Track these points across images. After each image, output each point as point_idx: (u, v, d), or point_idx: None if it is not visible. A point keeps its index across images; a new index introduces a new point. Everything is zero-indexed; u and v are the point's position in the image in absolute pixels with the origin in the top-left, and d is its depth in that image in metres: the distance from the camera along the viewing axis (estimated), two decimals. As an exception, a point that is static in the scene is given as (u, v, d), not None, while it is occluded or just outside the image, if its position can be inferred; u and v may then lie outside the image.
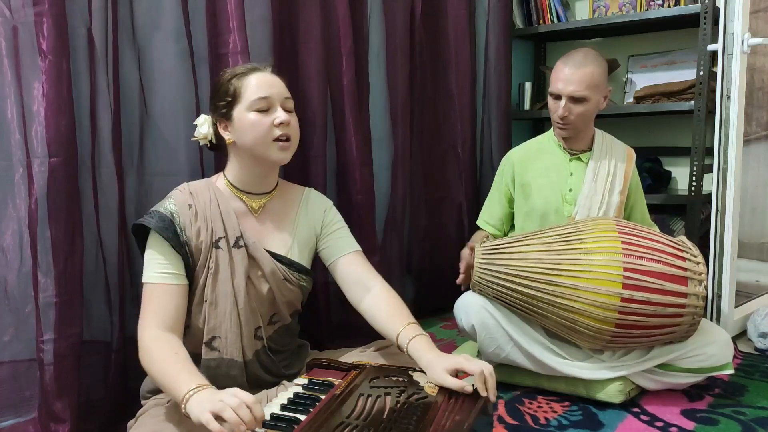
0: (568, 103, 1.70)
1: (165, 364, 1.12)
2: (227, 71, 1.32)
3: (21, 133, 1.30)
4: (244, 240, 1.29)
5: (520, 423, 1.51)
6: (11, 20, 1.27)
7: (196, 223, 1.26)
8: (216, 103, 1.31)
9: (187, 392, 1.03)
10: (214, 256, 1.27)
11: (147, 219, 1.24)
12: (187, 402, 1.02)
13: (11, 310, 1.34)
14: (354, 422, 1.01)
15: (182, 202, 1.27)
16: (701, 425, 1.48)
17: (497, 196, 1.93)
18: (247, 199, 1.34)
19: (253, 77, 1.28)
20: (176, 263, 1.24)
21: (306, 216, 1.41)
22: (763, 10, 2.28)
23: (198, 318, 1.27)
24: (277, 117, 1.27)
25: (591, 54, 1.74)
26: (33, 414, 1.34)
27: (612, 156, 1.80)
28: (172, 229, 1.23)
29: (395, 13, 2.15)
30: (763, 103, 2.38)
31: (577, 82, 1.69)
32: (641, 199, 1.89)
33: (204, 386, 1.05)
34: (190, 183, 1.33)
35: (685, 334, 1.53)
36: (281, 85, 1.31)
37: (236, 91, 1.27)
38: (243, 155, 1.31)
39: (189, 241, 1.25)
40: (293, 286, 1.35)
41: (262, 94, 1.26)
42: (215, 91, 1.32)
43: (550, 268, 1.54)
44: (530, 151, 1.90)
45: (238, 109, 1.27)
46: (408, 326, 1.27)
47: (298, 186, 1.47)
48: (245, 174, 1.33)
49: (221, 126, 1.31)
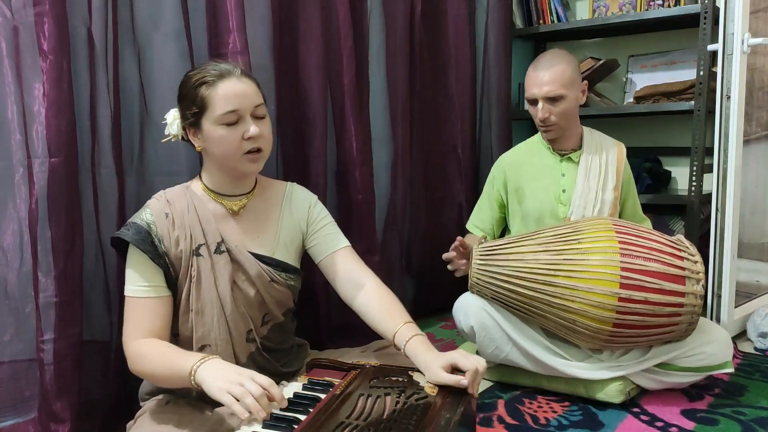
0: (546, 105, 1.72)
1: (160, 355, 1.13)
2: (195, 74, 1.23)
3: (21, 133, 1.30)
4: (225, 245, 1.26)
5: (520, 423, 1.51)
6: (12, 20, 1.27)
7: (174, 231, 1.22)
8: (183, 111, 1.25)
9: (194, 364, 1.05)
10: (196, 264, 1.23)
11: (124, 232, 1.21)
12: (195, 372, 1.04)
13: (11, 310, 1.35)
14: (354, 422, 1.01)
15: (159, 211, 1.23)
16: (701, 425, 1.48)
17: (487, 202, 1.93)
18: (226, 201, 1.30)
19: (221, 87, 1.19)
20: (156, 276, 1.21)
21: (290, 213, 1.38)
22: (763, 10, 2.28)
23: (186, 327, 1.25)
24: (247, 131, 1.21)
25: (559, 53, 1.76)
26: (33, 414, 1.34)
27: (602, 152, 1.81)
28: (149, 240, 1.20)
29: (395, 13, 2.15)
30: (763, 103, 2.38)
31: (549, 83, 1.70)
32: (633, 192, 1.89)
33: (208, 357, 1.07)
34: (167, 190, 1.29)
35: (683, 333, 1.53)
36: (252, 91, 1.23)
37: (203, 101, 1.20)
38: (214, 161, 1.27)
39: (168, 252, 1.21)
40: (281, 286, 1.32)
41: (231, 107, 1.19)
42: (182, 96, 1.25)
43: (548, 269, 1.54)
44: (520, 155, 1.90)
45: (206, 122, 1.21)
46: (404, 326, 1.26)
47: (280, 182, 1.43)
48: (219, 178, 1.29)
49: (190, 132, 1.26)
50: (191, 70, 1.27)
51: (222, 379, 1.02)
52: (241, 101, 1.21)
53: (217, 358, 1.09)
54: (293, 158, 1.84)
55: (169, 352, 1.14)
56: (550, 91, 1.70)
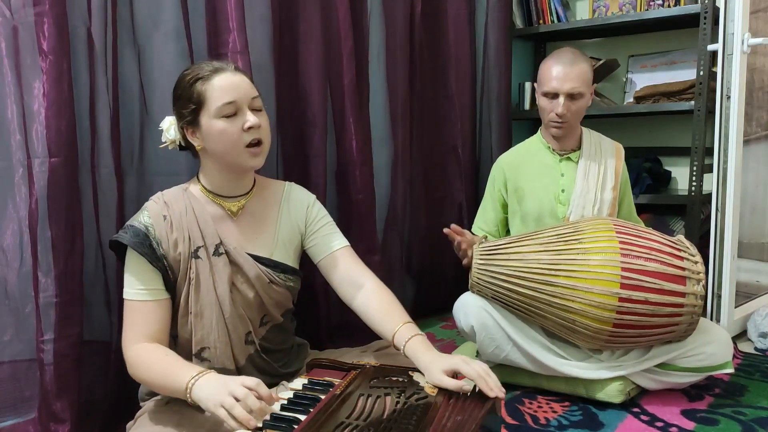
0: (566, 101, 1.71)
1: (158, 364, 1.13)
2: (188, 74, 1.23)
3: (21, 133, 1.30)
4: (224, 246, 1.25)
5: (520, 423, 1.51)
6: (11, 20, 1.27)
7: (173, 234, 1.22)
8: (180, 110, 1.24)
9: (190, 380, 1.05)
10: (194, 266, 1.23)
11: (122, 235, 1.21)
12: (191, 389, 1.04)
13: (11, 310, 1.35)
14: (354, 422, 1.01)
15: (157, 214, 1.23)
16: (701, 425, 1.48)
17: (490, 202, 1.93)
18: (224, 202, 1.29)
19: (216, 80, 1.20)
20: (155, 279, 1.21)
21: (288, 213, 1.37)
22: (763, 10, 2.28)
23: (185, 329, 1.25)
24: (246, 121, 1.20)
25: (578, 52, 1.77)
26: (33, 414, 1.34)
27: (601, 153, 1.81)
28: (147, 243, 1.19)
29: (395, 13, 2.15)
30: (763, 103, 2.38)
31: (575, 79, 1.71)
32: (629, 194, 1.90)
33: (204, 372, 1.06)
34: (164, 192, 1.29)
35: (683, 333, 1.53)
36: (247, 84, 1.24)
37: (200, 96, 1.20)
38: (214, 160, 1.26)
39: (166, 255, 1.21)
40: (280, 287, 1.32)
41: (228, 99, 1.19)
42: (178, 97, 1.24)
43: (548, 269, 1.54)
44: (520, 155, 1.90)
45: (205, 117, 1.20)
46: (404, 326, 1.26)
47: (278, 182, 1.42)
48: (219, 178, 1.28)
49: (188, 132, 1.24)
50: (184, 71, 1.27)
51: (215, 393, 1.02)
52: (237, 92, 1.21)
53: (211, 372, 1.08)
54: (293, 158, 1.84)
55: (166, 362, 1.13)
56: (573, 87, 1.70)
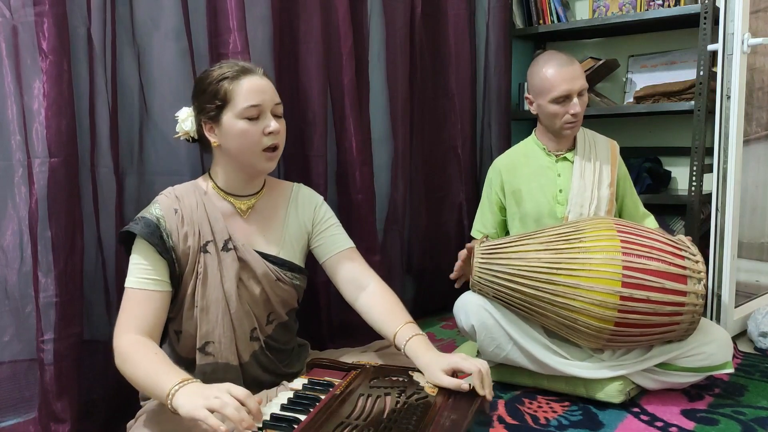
0: (579, 99, 1.74)
1: (144, 364, 1.09)
2: (215, 70, 1.26)
3: (21, 133, 1.30)
4: (233, 242, 1.27)
5: (520, 423, 1.51)
6: (11, 20, 1.27)
7: (183, 227, 1.24)
8: (202, 105, 1.26)
9: (172, 387, 1.01)
10: (203, 260, 1.24)
11: (132, 225, 1.22)
12: (173, 397, 1.00)
13: (11, 310, 1.35)
14: (354, 422, 1.01)
15: (168, 207, 1.25)
16: (701, 425, 1.48)
17: (488, 205, 1.93)
18: (235, 201, 1.32)
19: (245, 81, 1.23)
20: (160, 269, 1.21)
21: (296, 213, 1.39)
22: (763, 10, 2.28)
23: (190, 324, 1.25)
24: (268, 126, 1.24)
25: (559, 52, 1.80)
26: (33, 414, 1.34)
27: (596, 150, 1.83)
28: (158, 234, 1.21)
29: (395, 13, 2.15)
30: (763, 103, 2.38)
31: (580, 75, 1.74)
32: (631, 188, 1.90)
33: (188, 380, 1.03)
34: (175, 187, 1.30)
35: (684, 332, 1.53)
36: (272, 89, 1.28)
37: (226, 95, 1.22)
38: (228, 159, 1.28)
39: (176, 247, 1.23)
40: (286, 285, 1.34)
41: (254, 102, 1.23)
42: (202, 91, 1.26)
43: (550, 267, 1.54)
44: (516, 157, 1.90)
45: (228, 115, 1.23)
46: (405, 325, 1.26)
47: (287, 182, 1.44)
48: (232, 177, 1.30)
49: (207, 127, 1.27)
50: (209, 67, 1.29)
51: (198, 395, 0.98)
52: (263, 97, 1.24)
53: (196, 381, 1.04)
54: (293, 158, 1.84)
55: (151, 364, 1.09)
56: (582, 84, 1.74)
